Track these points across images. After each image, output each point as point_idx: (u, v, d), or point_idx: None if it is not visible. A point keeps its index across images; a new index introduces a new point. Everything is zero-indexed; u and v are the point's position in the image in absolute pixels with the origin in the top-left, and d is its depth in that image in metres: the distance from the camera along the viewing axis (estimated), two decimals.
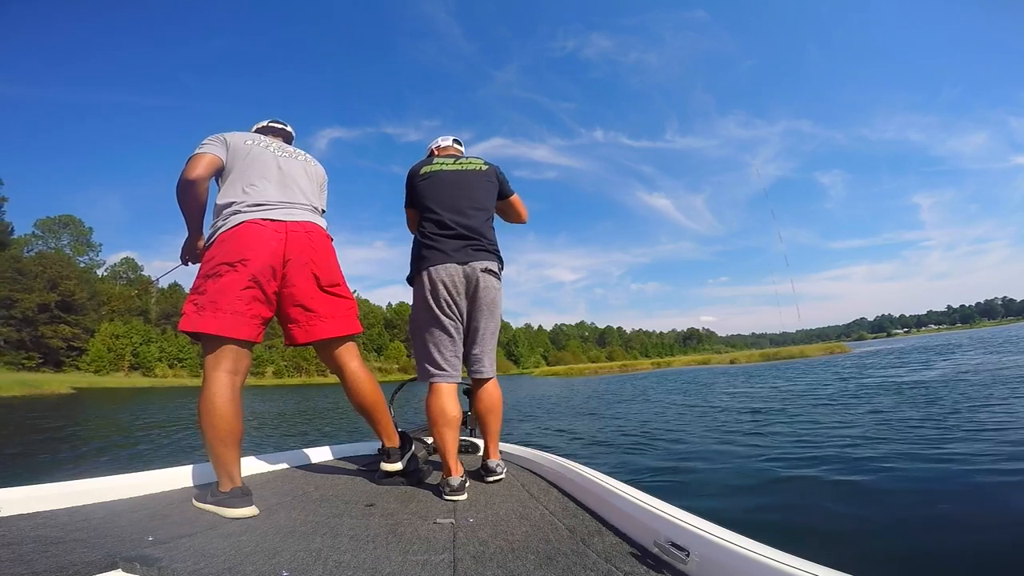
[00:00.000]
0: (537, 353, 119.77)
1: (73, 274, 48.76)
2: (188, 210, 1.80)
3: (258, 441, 7.90)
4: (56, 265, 46.93)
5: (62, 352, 46.97)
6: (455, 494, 1.74)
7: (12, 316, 42.53)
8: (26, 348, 43.75)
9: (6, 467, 6.12)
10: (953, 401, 6.72)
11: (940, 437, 4.53)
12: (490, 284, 1.93)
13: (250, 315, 1.64)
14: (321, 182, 2.02)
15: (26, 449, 7.73)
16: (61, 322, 46.32)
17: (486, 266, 1.92)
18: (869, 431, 5.18)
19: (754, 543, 0.90)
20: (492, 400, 1.99)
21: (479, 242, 1.95)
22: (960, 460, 3.67)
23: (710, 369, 32.03)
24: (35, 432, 9.89)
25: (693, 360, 60.72)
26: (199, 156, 1.74)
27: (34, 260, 46.66)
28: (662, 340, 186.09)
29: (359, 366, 1.89)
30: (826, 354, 37.29)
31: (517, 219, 2.34)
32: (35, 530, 1.26)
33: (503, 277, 2.05)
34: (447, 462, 1.82)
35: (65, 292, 46.18)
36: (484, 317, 1.94)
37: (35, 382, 27.63)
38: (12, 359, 41.25)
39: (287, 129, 2.15)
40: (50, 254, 49.97)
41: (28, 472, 5.61)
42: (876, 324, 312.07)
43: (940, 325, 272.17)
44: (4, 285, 42.16)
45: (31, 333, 44.16)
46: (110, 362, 50.66)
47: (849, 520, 2.79)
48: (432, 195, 2.01)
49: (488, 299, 1.93)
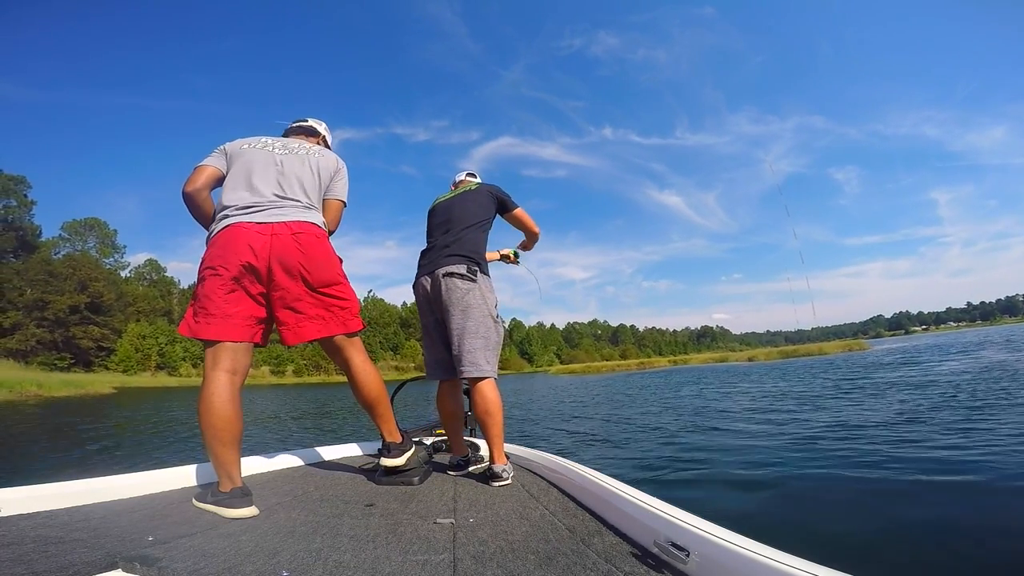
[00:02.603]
0: (550, 351, 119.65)
1: (101, 276, 50.23)
2: (196, 219, 1.85)
3: (259, 441, 8.11)
4: (85, 267, 48.31)
5: (92, 352, 48.25)
6: (452, 470, 2.16)
7: (45, 318, 43.90)
8: (58, 349, 45.08)
9: (129, 458, 6.49)
10: (986, 398, 6.45)
11: (963, 438, 4.33)
12: (452, 285, 2.04)
13: (240, 317, 1.65)
14: (331, 173, 1.99)
15: (139, 439, 8.41)
16: (90, 323, 47.64)
17: (447, 270, 2.06)
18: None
19: (754, 543, 0.90)
20: (482, 402, 1.99)
21: (448, 250, 2.12)
22: (982, 463, 3.51)
23: (735, 367, 31.26)
24: (129, 426, 10.63)
25: (710, 358, 60.23)
26: (198, 169, 1.80)
27: (63, 262, 47.95)
28: (675, 338, 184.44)
29: (362, 362, 1.89)
30: (845, 351, 36.59)
31: (528, 231, 2.55)
32: (35, 530, 1.27)
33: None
34: (451, 444, 2.28)
35: (94, 294, 47.56)
36: (453, 317, 2.03)
37: (79, 382, 28.56)
38: (45, 359, 42.50)
39: (305, 125, 2.18)
40: (78, 256, 51.38)
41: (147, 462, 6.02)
42: (894, 321, 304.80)
43: (960, 322, 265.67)
44: (37, 288, 43.47)
45: (63, 334, 45.53)
46: (137, 362, 51.93)
47: (862, 520, 2.73)
48: (429, 224, 2.34)
49: (453, 299, 2.03)
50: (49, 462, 6.23)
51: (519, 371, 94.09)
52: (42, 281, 44.08)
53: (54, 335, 44.88)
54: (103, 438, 8.55)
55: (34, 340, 43.35)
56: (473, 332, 2.01)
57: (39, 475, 5.07)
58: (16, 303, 42.88)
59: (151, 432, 9.37)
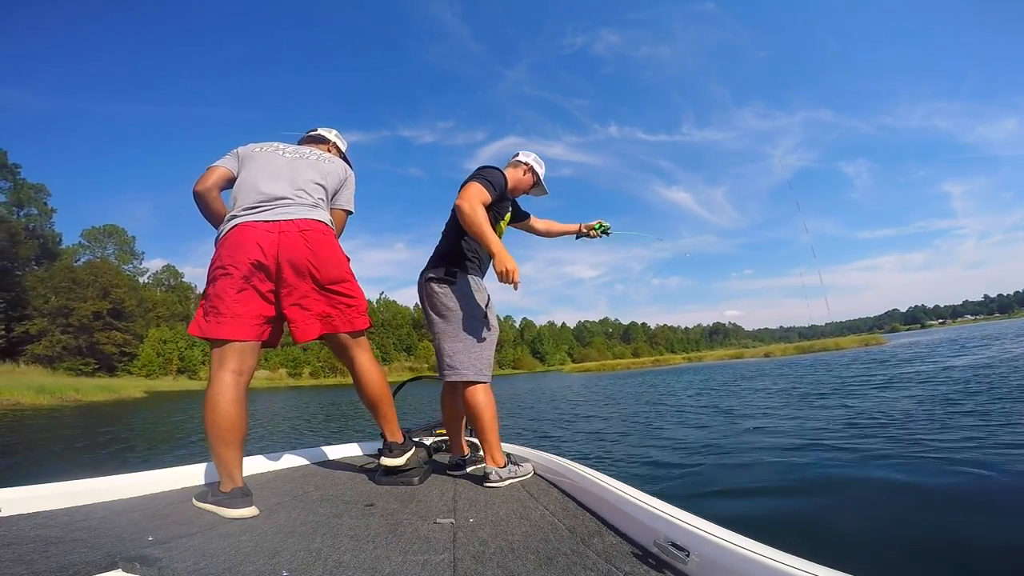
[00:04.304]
0: (562, 350, 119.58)
1: (122, 282, 51.33)
2: (206, 218, 1.88)
3: (259, 441, 8.24)
4: (106, 274, 49.36)
5: (115, 357, 49.23)
6: (451, 470, 2.15)
7: (70, 324, 44.92)
8: (83, 354, 46.07)
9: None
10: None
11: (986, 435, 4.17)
12: (430, 291, 2.06)
13: (250, 316, 1.66)
14: (340, 178, 2.02)
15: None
16: (113, 329, 48.62)
17: (428, 275, 2.09)
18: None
19: (754, 543, 0.90)
20: (467, 408, 1.97)
21: (433, 254, 2.17)
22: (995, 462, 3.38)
23: (759, 362, 30.87)
24: (182, 425, 10.95)
25: (726, 354, 60.10)
26: (209, 169, 1.85)
27: (85, 269, 48.96)
28: (687, 335, 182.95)
29: (367, 361, 1.90)
30: (862, 346, 36.10)
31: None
32: (35, 530, 1.27)
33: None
34: (451, 444, 2.27)
35: (116, 300, 48.56)
36: (433, 322, 2.05)
37: (112, 387, 29.19)
38: (71, 365, 43.43)
39: (315, 134, 2.25)
40: (99, 263, 52.47)
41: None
42: (909, 315, 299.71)
43: (977, 315, 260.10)
44: (61, 295, 44.45)
45: (87, 340, 46.50)
46: (159, 366, 52.89)
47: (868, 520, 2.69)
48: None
49: (430, 303, 2.06)
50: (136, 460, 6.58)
51: (531, 370, 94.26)
52: (66, 288, 45.16)
53: (79, 341, 45.96)
54: (171, 439, 8.90)
55: (59, 346, 44.41)
56: (452, 335, 1.98)
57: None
58: (42, 310, 43.92)
59: (200, 434, 9.70)
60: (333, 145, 2.25)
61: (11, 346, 39.65)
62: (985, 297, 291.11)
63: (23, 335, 42.05)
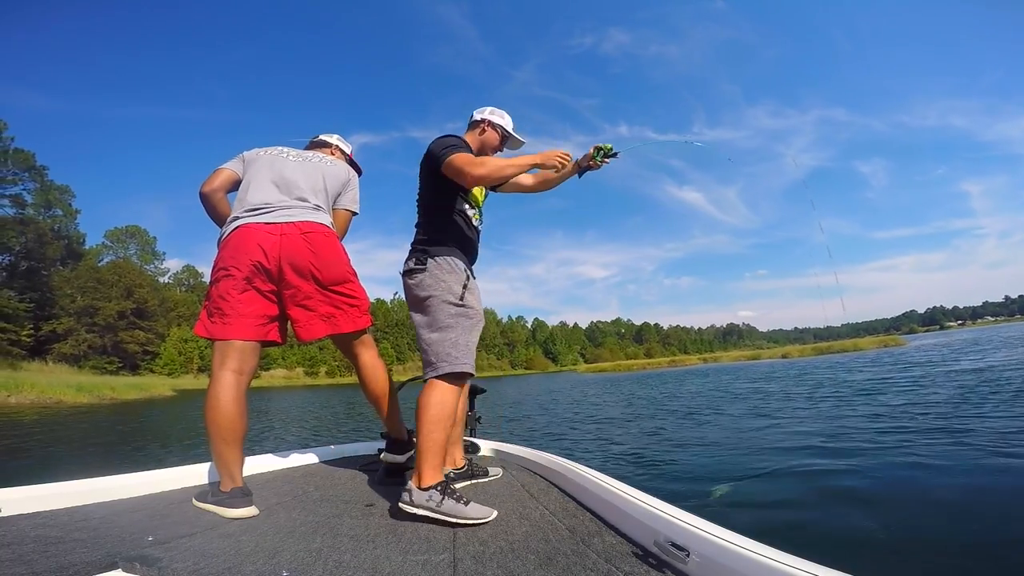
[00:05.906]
0: (575, 351, 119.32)
1: (145, 282, 52.60)
2: (212, 219, 1.92)
3: (259, 441, 8.36)
4: (130, 274, 50.54)
5: (138, 356, 50.24)
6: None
7: (95, 323, 46.00)
8: (107, 353, 47.10)
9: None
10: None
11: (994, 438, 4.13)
12: (405, 285, 1.88)
13: (253, 316, 1.68)
14: (341, 180, 2.04)
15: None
16: (136, 328, 49.64)
17: (404, 269, 1.89)
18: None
19: (754, 543, 0.90)
20: (419, 406, 1.67)
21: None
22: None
23: (783, 363, 30.22)
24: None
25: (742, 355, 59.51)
26: (216, 171, 1.89)
27: (109, 269, 50.06)
28: (701, 336, 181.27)
29: (371, 358, 1.93)
30: (880, 347, 35.52)
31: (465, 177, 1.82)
32: (35, 530, 1.28)
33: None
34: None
35: (139, 300, 49.74)
36: (412, 316, 1.85)
37: (143, 385, 30.14)
38: (96, 363, 44.43)
39: (317, 140, 2.30)
40: (123, 263, 53.78)
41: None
42: (927, 316, 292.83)
43: (998, 317, 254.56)
44: (87, 295, 45.48)
45: (112, 339, 47.51)
46: (180, 365, 53.85)
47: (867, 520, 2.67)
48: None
49: (408, 299, 1.88)
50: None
51: (544, 370, 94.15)
52: (91, 288, 46.40)
53: (104, 340, 47.03)
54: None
55: (85, 345, 45.56)
56: (427, 325, 1.75)
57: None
58: (68, 309, 44.99)
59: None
60: (336, 148, 2.29)
61: (38, 344, 40.59)
62: (1006, 298, 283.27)
63: (50, 334, 43.10)
